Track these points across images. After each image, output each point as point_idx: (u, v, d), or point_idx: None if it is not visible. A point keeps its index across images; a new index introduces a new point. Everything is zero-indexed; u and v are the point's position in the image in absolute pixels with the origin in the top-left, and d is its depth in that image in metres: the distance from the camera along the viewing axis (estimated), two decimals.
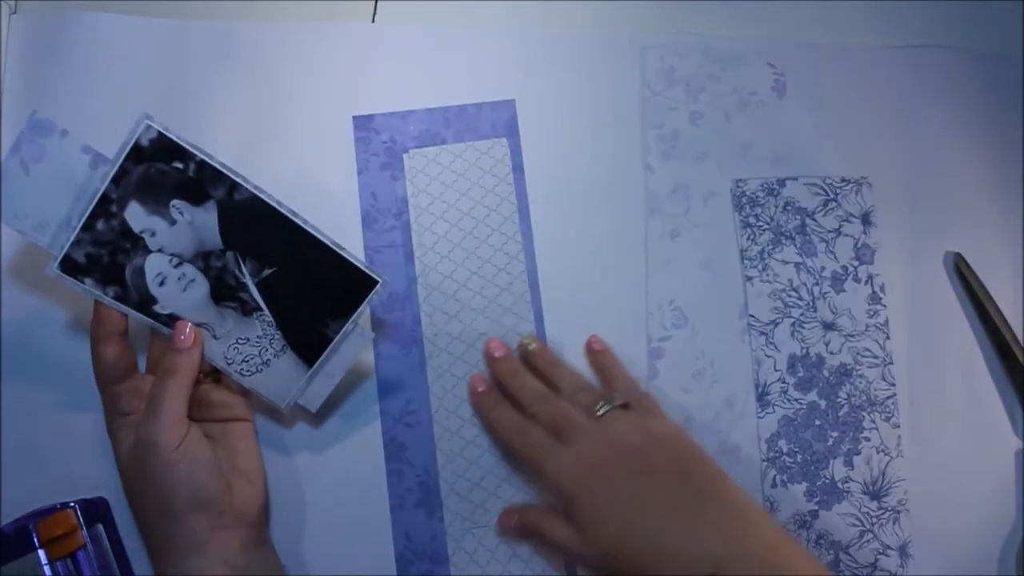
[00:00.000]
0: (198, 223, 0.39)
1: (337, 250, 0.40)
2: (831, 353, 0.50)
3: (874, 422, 0.50)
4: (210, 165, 0.38)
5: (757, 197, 0.51)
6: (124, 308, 0.39)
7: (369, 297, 0.41)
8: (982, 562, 0.50)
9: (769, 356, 0.50)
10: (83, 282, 0.38)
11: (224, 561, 0.38)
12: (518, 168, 0.49)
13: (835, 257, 0.52)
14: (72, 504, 0.40)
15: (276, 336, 0.41)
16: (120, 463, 0.40)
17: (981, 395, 0.52)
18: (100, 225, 0.38)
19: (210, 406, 0.42)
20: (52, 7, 0.48)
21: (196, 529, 0.38)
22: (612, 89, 0.52)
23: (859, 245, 0.52)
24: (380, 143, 0.49)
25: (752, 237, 0.51)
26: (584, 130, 0.51)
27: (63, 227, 0.38)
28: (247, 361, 0.41)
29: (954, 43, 0.57)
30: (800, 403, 0.50)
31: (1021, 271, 0.54)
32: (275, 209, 0.39)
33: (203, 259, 0.40)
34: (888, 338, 0.51)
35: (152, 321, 0.40)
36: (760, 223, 0.51)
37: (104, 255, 0.38)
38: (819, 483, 0.49)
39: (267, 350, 0.41)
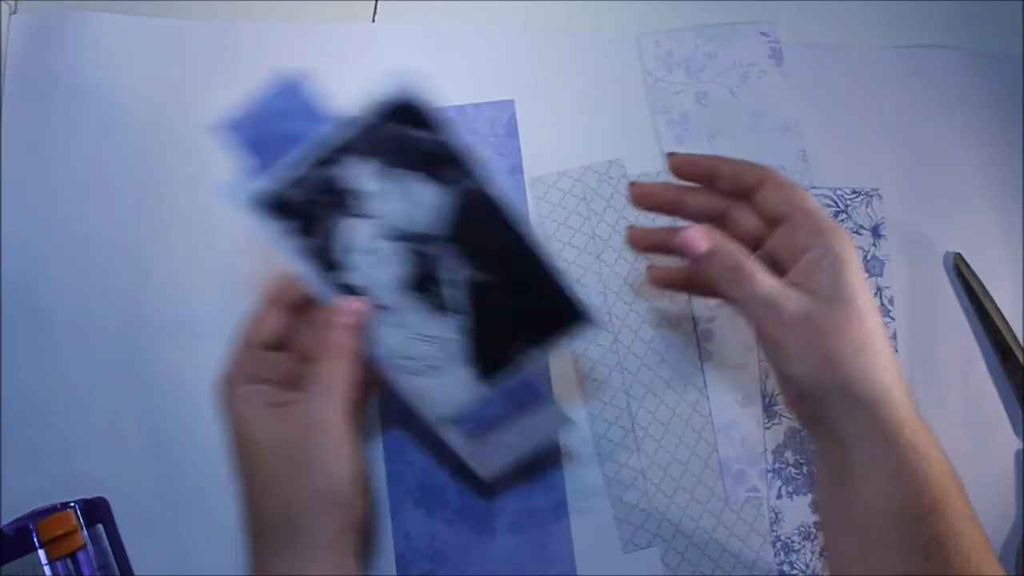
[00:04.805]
0: (426, 203, 0.36)
1: (557, 274, 0.37)
2: None
3: None
4: (456, 149, 0.35)
5: None
6: (306, 262, 0.36)
7: (571, 330, 0.37)
8: None
9: None
10: (277, 223, 0.35)
11: (341, 568, 0.35)
12: (516, 169, 0.49)
13: None
14: (72, 504, 0.40)
15: (458, 343, 0.37)
16: (247, 437, 0.35)
17: (981, 395, 0.52)
18: (318, 172, 0.35)
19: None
20: (52, 7, 0.48)
21: (327, 529, 0.35)
22: (614, 82, 0.52)
23: (869, 258, 0.52)
24: None
25: None
26: (589, 126, 0.51)
27: (281, 164, 0.35)
28: (419, 360, 0.38)
29: (954, 43, 0.57)
30: None
31: (1021, 271, 0.54)
32: (512, 216, 0.36)
33: (417, 240, 0.36)
34: (896, 351, 0.51)
35: (328, 287, 0.36)
36: None
37: (311, 204, 0.35)
38: None
39: (444, 355, 0.38)
